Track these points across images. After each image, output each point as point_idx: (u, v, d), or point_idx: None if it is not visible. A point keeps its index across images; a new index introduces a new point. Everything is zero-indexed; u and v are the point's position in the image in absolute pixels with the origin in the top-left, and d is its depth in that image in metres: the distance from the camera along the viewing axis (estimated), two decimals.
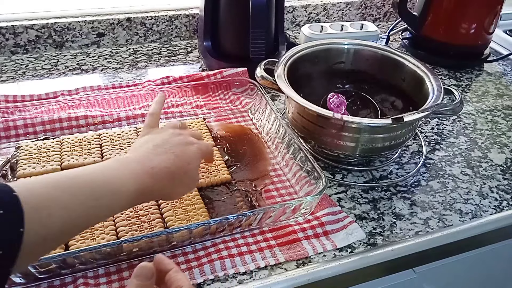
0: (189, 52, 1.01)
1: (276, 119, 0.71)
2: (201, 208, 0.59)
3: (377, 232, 0.60)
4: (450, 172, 0.71)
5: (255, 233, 0.58)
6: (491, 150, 0.77)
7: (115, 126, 0.74)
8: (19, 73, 0.89)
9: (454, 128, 0.82)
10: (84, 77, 0.89)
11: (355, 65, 0.79)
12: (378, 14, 1.21)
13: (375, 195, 0.66)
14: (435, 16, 1.00)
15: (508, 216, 0.65)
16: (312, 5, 1.12)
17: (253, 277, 0.53)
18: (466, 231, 0.62)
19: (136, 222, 0.56)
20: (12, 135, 0.70)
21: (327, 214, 0.60)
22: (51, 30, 0.95)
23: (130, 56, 0.97)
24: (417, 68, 0.73)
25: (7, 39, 0.93)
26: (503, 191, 0.69)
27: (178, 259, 0.54)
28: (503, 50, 1.10)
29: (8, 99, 0.78)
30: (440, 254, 0.62)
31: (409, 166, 0.72)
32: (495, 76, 1.01)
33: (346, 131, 0.63)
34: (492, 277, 0.83)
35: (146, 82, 0.85)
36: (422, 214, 0.63)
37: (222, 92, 0.82)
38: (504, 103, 0.91)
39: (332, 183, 0.67)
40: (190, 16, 1.03)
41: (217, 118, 0.79)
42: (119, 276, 0.52)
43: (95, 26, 0.97)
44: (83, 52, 0.98)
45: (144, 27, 1.01)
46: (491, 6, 0.97)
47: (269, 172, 0.67)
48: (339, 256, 0.56)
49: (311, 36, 1.00)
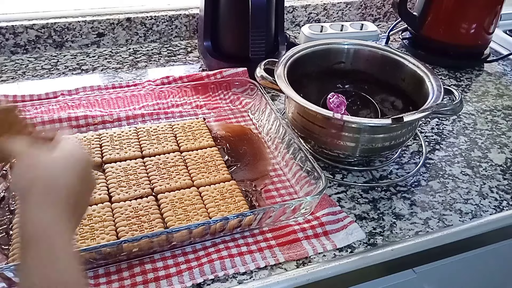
0: (189, 52, 1.01)
1: (276, 119, 0.71)
2: (201, 208, 0.59)
3: (377, 232, 0.60)
4: (450, 172, 0.71)
5: (255, 233, 0.58)
6: (491, 150, 0.77)
7: (115, 126, 0.74)
8: (19, 73, 0.89)
9: (454, 128, 0.82)
10: (84, 77, 0.89)
11: (355, 65, 0.79)
12: (378, 14, 1.21)
13: (375, 195, 0.66)
14: (435, 16, 1.00)
15: (508, 216, 0.65)
16: (312, 5, 1.12)
17: (253, 277, 0.53)
18: (466, 231, 0.62)
19: (136, 222, 0.56)
20: None
21: (327, 214, 0.60)
22: (51, 30, 0.95)
23: (130, 56, 0.97)
24: (417, 68, 0.73)
25: (7, 39, 0.93)
26: (503, 191, 0.69)
27: (178, 259, 0.54)
28: (503, 50, 1.10)
29: (8, 99, 0.78)
30: (440, 254, 0.62)
31: (409, 166, 0.72)
32: (495, 76, 1.01)
33: (346, 131, 0.63)
34: (492, 277, 0.83)
35: (146, 82, 0.85)
36: (422, 214, 0.63)
37: (222, 92, 0.82)
38: (504, 103, 0.91)
39: (332, 183, 0.67)
40: (190, 16, 1.03)
41: (217, 118, 0.79)
42: (119, 276, 0.52)
43: (95, 26, 0.97)
44: (83, 52, 0.98)
45: (144, 27, 1.01)
46: (491, 6, 0.97)
47: (269, 172, 0.67)
48: (339, 256, 0.56)
49: (311, 36, 1.00)
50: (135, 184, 0.62)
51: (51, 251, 0.36)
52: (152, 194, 0.61)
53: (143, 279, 0.51)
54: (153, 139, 0.70)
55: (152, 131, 0.72)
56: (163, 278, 0.52)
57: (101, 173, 0.63)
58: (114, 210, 0.58)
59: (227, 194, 0.61)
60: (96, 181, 0.57)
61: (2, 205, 0.58)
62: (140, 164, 0.65)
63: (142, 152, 0.68)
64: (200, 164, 0.66)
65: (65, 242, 0.38)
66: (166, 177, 0.63)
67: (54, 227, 0.38)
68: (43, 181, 0.39)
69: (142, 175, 0.63)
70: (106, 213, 0.57)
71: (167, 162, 0.66)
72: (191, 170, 0.65)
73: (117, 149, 0.68)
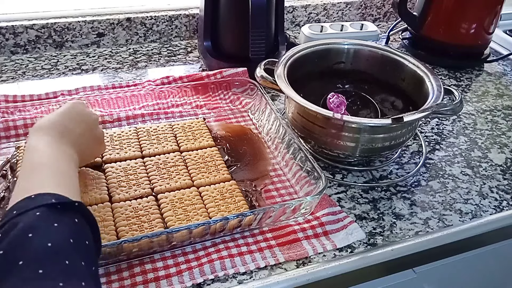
0: (189, 52, 1.01)
1: (276, 119, 0.71)
2: (201, 208, 0.59)
3: (377, 232, 0.60)
4: (450, 172, 0.71)
5: (255, 233, 0.58)
6: (491, 150, 0.77)
7: (115, 126, 0.74)
8: (19, 73, 0.89)
9: (454, 128, 0.82)
10: (84, 77, 0.89)
11: (355, 65, 0.79)
12: (378, 14, 1.21)
13: (375, 195, 0.66)
14: (435, 16, 1.00)
15: (508, 216, 0.65)
16: (312, 5, 1.12)
17: (253, 277, 0.53)
18: (466, 231, 0.62)
19: (136, 222, 0.56)
20: (12, 135, 0.70)
21: (327, 214, 0.60)
22: (51, 30, 0.95)
23: (130, 56, 0.97)
24: (417, 68, 0.73)
25: (7, 39, 0.93)
26: (503, 191, 0.69)
27: (178, 259, 0.54)
28: (503, 50, 1.10)
29: (8, 99, 0.78)
30: (440, 254, 0.62)
31: (409, 166, 0.72)
32: (495, 76, 1.01)
33: (346, 131, 0.63)
34: (492, 277, 0.83)
35: (146, 82, 0.85)
36: (422, 214, 0.63)
37: (222, 92, 0.82)
38: (504, 103, 0.91)
39: (332, 183, 0.67)
40: (190, 16, 1.03)
41: (217, 118, 0.79)
42: (119, 276, 0.52)
43: (95, 26, 0.97)
44: (83, 52, 0.98)
45: (144, 27, 1.01)
46: (491, 6, 0.97)
47: (269, 172, 0.67)
48: (339, 256, 0.56)
49: (311, 36, 1.00)
50: (135, 184, 0.62)
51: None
52: (152, 194, 0.61)
53: (143, 279, 0.51)
54: (153, 139, 0.70)
55: (152, 131, 0.72)
56: (163, 278, 0.52)
57: (101, 173, 0.63)
58: (114, 210, 0.58)
59: (227, 194, 0.61)
60: (101, 133, 0.63)
61: (2, 205, 0.58)
62: (140, 164, 0.65)
63: (142, 152, 0.68)
64: (200, 164, 0.66)
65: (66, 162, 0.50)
66: (166, 177, 0.63)
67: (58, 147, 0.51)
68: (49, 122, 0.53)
69: (142, 175, 0.63)
70: (106, 213, 0.57)
71: (167, 162, 0.66)
72: (191, 170, 0.65)
73: (117, 149, 0.68)
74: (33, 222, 0.38)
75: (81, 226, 0.41)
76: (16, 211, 0.39)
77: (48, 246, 0.36)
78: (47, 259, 0.35)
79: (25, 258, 0.35)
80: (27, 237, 0.36)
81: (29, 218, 0.38)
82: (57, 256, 0.36)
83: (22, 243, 0.36)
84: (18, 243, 0.36)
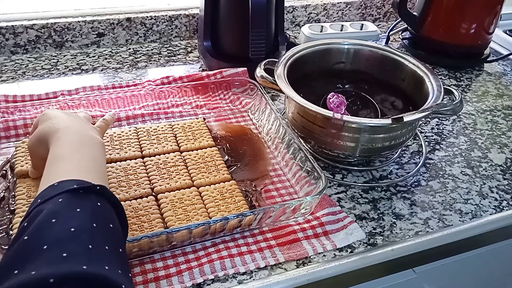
0: (189, 52, 1.01)
1: (276, 119, 0.71)
2: (201, 208, 0.59)
3: (377, 232, 0.60)
4: (450, 172, 0.71)
5: (255, 233, 0.58)
6: (491, 150, 0.77)
7: (115, 126, 0.74)
8: (19, 73, 0.89)
9: (454, 128, 0.82)
10: (84, 77, 0.89)
11: (355, 65, 0.79)
12: (378, 14, 1.21)
13: (375, 195, 0.66)
14: (435, 16, 1.00)
15: (508, 216, 0.65)
16: (312, 5, 1.12)
17: (253, 277, 0.53)
18: (466, 231, 0.62)
19: (136, 222, 0.56)
20: (12, 135, 0.70)
21: (327, 214, 0.60)
22: (51, 30, 0.95)
23: (130, 56, 0.97)
24: (417, 68, 0.73)
25: (7, 39, 0.93)
26: (503, 191, 0.69)
27: (178, 259, 0.54)
28: (503, 50, 1.10)
29: (8, 99, 0.78)
30: (440, 254, 0.62)
31: (409, 166, 0.72)
32: (495, 76, 1.01)
33: (346, 131, 0.63)
34: (492, 277, 0.83)
35: (146, 82, 0.85)
36: (422, 214, 0.63)
37: (222, 92, 0.82)
38: (504, 103, 0.91)
39: (332, 183, 0.67)
40: (190, 16, 1.03)
41: (217, 118, 0.79)
42: None
43: (95, 26, 0.97)
44: (83, 52, 0.98)
45: (144, 27, 1.01)
46: (491, 6, 0.97)
47: (269, 172, 0.67)
48: (339, 256, 0.56)
49: (311, 36, 1.00)
50: (135, 184, 0.62)
51: None
52: (152, 194, 0.61)
53: (143, 279, 0.51)
54: (153, 139, 0.70)
55: (152, 131, 0.72)
56: (163, 278, 0.52)
57: None
58: None
59: (227, 194, 0.61)
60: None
61: (2, 205, 0.58)
62: (140, 164, 0.65)
63: (142, 152, 0.68)
64: (200, 164, 0.66)
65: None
66: (166, 177, 0.63)
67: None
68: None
69: (142, 175, 0.63)
70: None
71: (167, 162, 0.66)
72: (191, 170, 0.65)
73: (117, 149, 0.68)
74: (56, 208, 0.39)
75: (104, 209, 0.42)
76: (41, 200, 0.40)
77: (71, 231, 0.37)
78: (70, 243, 0.36)
79: (49, 243, 0.36)
80: (51, 222, 0.37)
81: (52, 204, 0.39)
82: (80, 240, 0.37)
83: (46, 229, 0.37)
84: (42, 229, 0.37)
